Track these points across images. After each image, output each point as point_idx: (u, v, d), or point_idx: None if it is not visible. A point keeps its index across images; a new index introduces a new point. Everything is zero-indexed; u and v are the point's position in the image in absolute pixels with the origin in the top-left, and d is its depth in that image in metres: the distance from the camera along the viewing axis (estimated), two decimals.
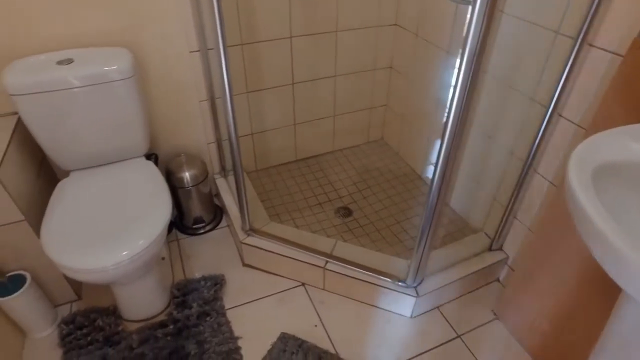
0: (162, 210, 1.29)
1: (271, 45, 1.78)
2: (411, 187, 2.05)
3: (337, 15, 1.84)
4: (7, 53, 1.31)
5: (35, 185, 1.39)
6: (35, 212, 1.32)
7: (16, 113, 1.39)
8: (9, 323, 1.35)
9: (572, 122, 1.19)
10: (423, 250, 1.27)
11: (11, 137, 1.29)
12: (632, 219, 0.72)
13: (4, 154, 1.22)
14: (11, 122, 1.36)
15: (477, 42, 0.86)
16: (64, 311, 1.48)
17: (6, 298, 1.25)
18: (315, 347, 1.37)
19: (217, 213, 1.91)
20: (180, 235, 1.82)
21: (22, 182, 1.29)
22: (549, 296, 1.24)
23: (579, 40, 1.08)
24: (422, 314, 1.50)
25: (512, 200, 1.42)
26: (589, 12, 1.04)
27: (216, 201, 1.95)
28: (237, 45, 1.70)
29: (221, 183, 1.90)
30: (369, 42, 1.99)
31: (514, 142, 1.43)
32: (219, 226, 1.87)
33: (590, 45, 1.09)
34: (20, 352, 1.37)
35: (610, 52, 1.05)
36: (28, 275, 1.32)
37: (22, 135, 1.37)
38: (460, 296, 1.55)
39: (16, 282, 1.30)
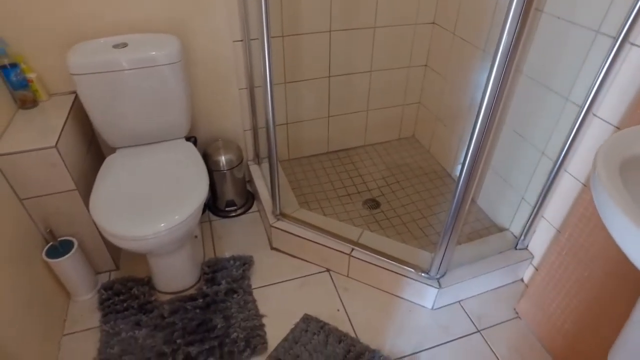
0: (199, 189, 1.37)
1: (311, 38, 1.83)
2: (440, 184, 2.06)
3: (376, 12, 1.87)
4: (73, 37, 1.42)
5: (85, 159, 1.50)
6: (84, 184, 1.43)
7: (73, 92, 1.51)
8: (58, 285, 1.47)
9: (608, 122, 1.18)
10: (447, 242, 1.29)
11: (68, 114, 1.41)
12: None
13: (62, 128, 1.33)
14: (69, 100, 1.48)
15: (512, 39, 0.88)
16: (103, 279, 1.59)
17: (57, 259, 1.37)
18: (337, 330, 1.42)
19: (249, 198, 1.98)
20: (213, 217, 1.91)
21: (74, 155, 1.40)
22: (573, 297, 1.24)
23: (620, 39, 1.07)
24: (444, 306, 1.51)
25: (540, 199, 1.41)
26: (632, 10, 1.03)
27: (248, 187, 2.03)
28: (278, 36, 1.77)
29: (254, 169, 1.97)
30: (406, 39, 2.01)
31: (545, 141, 1.42)
32: (249, 211, 1.94)
33: (632, 44, 1.08)
34: (65, 311, 1.49)
35: None
36: (75, 241, 1.44)
37: (77, 113, 1.48)
38: (483, 292, 1.56)
39: (65, 247, 1.41)
